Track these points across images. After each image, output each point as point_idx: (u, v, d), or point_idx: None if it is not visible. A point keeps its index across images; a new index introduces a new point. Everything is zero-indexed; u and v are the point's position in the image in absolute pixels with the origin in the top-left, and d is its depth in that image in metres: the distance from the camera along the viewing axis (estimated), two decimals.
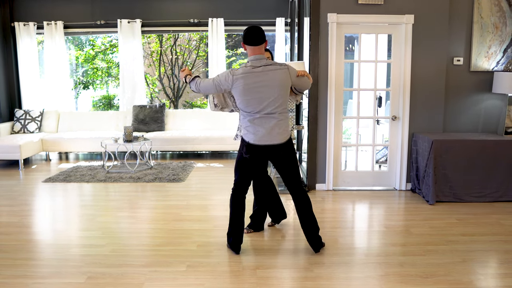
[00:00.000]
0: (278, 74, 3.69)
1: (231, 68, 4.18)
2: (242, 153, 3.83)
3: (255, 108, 3.67)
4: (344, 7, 5.55)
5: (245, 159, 3.82)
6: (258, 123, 3.70)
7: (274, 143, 3.73)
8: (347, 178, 5.94)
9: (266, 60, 3.72)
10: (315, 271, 3.55)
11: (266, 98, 3.66)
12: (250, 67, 3.67)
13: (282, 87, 3.71)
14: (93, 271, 3.57)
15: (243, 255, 3.86)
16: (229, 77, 3.69)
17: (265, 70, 3.67)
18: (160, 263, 3.72)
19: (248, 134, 3.74)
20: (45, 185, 6.33)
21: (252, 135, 3.72)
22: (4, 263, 3.74)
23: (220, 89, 3.80)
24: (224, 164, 7.66)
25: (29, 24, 8.42)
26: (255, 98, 3.66)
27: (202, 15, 8.33)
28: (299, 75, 3.86)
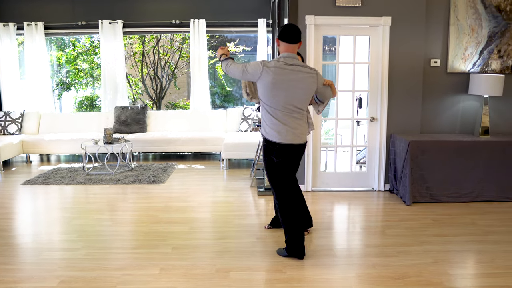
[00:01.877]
0: (307, 77, 3.74)
1: (263, 59, 4.11)
2: (273, 159, 3.83)
3: (277, 104, 3.71)
4: (322, 9, 5.58)
5: (277, 163, 3.83)
6: (281, 120, 3.72)
7: (298, 143, 3.79)
8: (326, 179, 5.97)
9: (298, 61, 3.76)
10: (288, 273, 3.57)
11: (291, 97, 3.70)
12: (283, 63, 3.70)
13: (307, 90, 3.76)
14: (66, 275, 3.55)
15: (217, 258, 3.86)
16: (259, 68, 3.70)
17: (295, 69, 3.71)
18: (134, 266, 3.72)
19: (271, 132, 3.75)
20: (24, 188, 6.28)
21: (276, 133, 3.74)
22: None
23: (246, 77, 3.80)
24: (206, 166, 7.66)
25: (9, 24, 8.35)
26: (280, 94, 3.68)
27: (183, 16, 8.32)
28: (325, 84, 3.89)
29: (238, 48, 10.03)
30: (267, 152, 3.87)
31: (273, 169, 3.87)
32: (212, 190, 6.06)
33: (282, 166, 3.83)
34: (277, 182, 3.89)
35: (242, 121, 8.12)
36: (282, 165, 3.83)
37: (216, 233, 4.49)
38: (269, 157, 3.87)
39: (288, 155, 3.79)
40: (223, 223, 4.77)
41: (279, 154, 3.78)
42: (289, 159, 3.82)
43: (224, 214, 5.06)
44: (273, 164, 3.86)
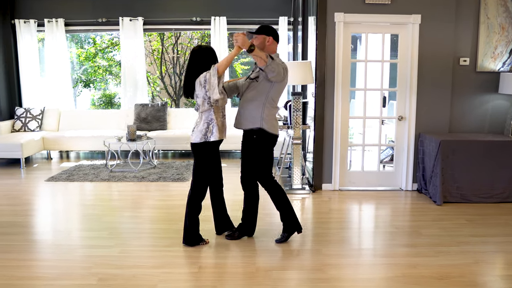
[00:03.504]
0: None
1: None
2: (270, 147, 4.00)
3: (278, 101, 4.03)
4: (351, 7, 5.53)
5: (271, 151, 4.04)
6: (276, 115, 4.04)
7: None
8: (353, 178, 5.92)
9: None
10: (329, 273, 3.53)
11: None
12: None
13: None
14: (104, 273, 3.52)
15: (256, 256, 3.82)
16: (285, 67, 3.88)
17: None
18: (172, 264, 3.68)
19: (276, 126, 3.99)
20: (48, 184, 6.26)
21: (275, 127, 3.97)
22: (12, 264, 3.69)
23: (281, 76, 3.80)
24: (228, 164, 7.62)
25: (29, 21, 8.33)
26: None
27: (204, 13, 8.28)
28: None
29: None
30: (268, 146, 3.98)
31: (269, 155, 4.03)
32: (236, 189, 5.96)
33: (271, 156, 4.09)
34: (269, 167, 4.08)
35: None
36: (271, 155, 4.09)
37: None
38: (268, 150, 4.00)
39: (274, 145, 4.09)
40: (258, 221, 4.72)
41: (273, 145, 4.04)
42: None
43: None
44: (269, 151, 4.02)
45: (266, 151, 3.99)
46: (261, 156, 3.98)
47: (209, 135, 3.85)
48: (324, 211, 5.09)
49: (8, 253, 3.92)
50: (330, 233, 4.41)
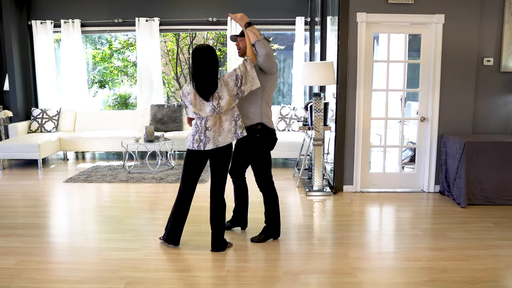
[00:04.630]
0: None
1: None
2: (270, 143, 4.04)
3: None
4: (373, 7, 5.47)
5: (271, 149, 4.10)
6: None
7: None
8: (374, 179, 5.85)
9: None
10: (358, 276, 3.47)
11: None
12: None
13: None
14: (131, 276, 3.49)
15: (282, 260, 3.77)
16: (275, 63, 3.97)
17: None
18: (199, 267, 3.64)
19: (272, 121, 4.03)
20: (66, 185, 6.25)
21: (273, 123, 4.06)
22: (37, 267, 3.66)
23: (273, 67, 3.87)
24: None
25: (46, 22, 8.34)
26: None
27: (221, 13, 8.24)
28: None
29: (272, 46, 9.91)
30: (271, 143, 4.04)
31: (269, 159, 4.12)
32: (257, 190, 5.96)
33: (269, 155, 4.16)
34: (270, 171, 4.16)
35: (279, 120, 8.02)
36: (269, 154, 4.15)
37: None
38: (270, 148, 4.07)
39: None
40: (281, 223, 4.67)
41: (274, 142, 4.11)
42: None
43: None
44: (268, 148, 4.06)
45: (269, 149, 4.08)
46: (266, 155, 4.06)
47: (240, 132, 3.83)
48: (347, 214, 5.03)
49: (31, 255, 3.89)
50: (355, 235, 4.35)
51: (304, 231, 4.46)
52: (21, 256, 3.88)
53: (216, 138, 3.77)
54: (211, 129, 3.75)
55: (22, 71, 8.46)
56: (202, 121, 3.77)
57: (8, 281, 3.41)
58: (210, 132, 3.75)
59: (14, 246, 4.11)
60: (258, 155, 4.03)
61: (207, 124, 3.75)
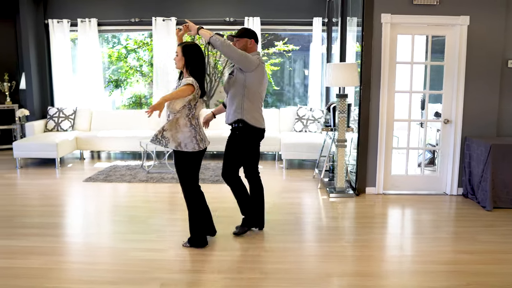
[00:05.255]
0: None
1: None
2: (253, 140, 4.16)
3: (263, 96, 4.18)
4: (398, 8, 5.44)
5: (255, 149, 4.24)
6: (261, 109, 4.18)
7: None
8: (396, 182, 5.82)
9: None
10: (391, 280, 3.45)
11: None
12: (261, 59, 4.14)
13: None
14: (165, 277, 3.46)
15: (316, 262, 3.75)
16: (256, 61, 4.00)
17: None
18: (232, 269, 3.61)
19: (260, 120, 4.12)
20: (86, 185, 6.24)
21: (262, 120, 4.16)
22: (64, 267, 3.64)
23: (242, 62, 3.93)
24: (263, 166, 7.54)
25: (62, 21, 8.33)
26: (265, 87, 4.20)
27: (238, 13, 8.22)
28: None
29: (287, 47, 9.89)
30: (250, 140, 4.15)
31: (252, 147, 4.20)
32: (280, 191, 5.96)
33: (256, 150, 4.27)
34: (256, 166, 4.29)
35: (296, 121, 8.00)
36: (256, 150, 4.27)
37: (304, 236, 4.37)
38: (250, 144, 4.17)
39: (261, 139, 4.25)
40: (307, 225, 4.66)
41: (259, 139, 4.21)
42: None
43: (304, 217, 4.95)
44: (249, 151, 4.19)
45: (248, 146, 4.17)
46: (249, 150, 4.20)
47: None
48: (371, 215, 5.01)
49: (60, 255, 3.88)
50: (381, 238, 4.34)
51: (331, 233, 4.43)
52: (46, 256, 3.86)
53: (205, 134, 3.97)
54: (200, 126, 3.90)
55: (38, 70, 8.45)
56: (197, 120, 3.83)
57: (37, 282, 3.39)
58: (202, 129, 3.92)
59: (40, 246, 4.09)
60: (242, 150, 4.17)
61: (199, 122, 3.86)
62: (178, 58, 3.80)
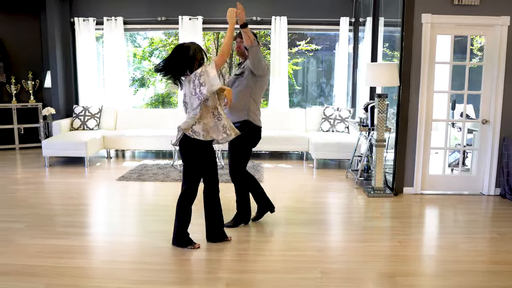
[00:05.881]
0: None
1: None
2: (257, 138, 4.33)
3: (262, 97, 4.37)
4: (438, 8, 5.44)
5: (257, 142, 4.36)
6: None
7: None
8: (433, 181, 5.82)
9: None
10: (453, 279, 3.45)
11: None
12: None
13: None
14: (229, 278, 3.45)
15: (373, 262, 3.74)
16: (265, 65, 4.19)
17: None
18: (291, 269, 3.60)
19: (260, 119, 4.29)
20: (121, 184, 6.22)
21: (260, 120, 4.30)
22: (124, 267, 3.61)
23: (261, 69, 4.13)
24: (291, 165, 7.54)
25: (88, 19, 8.32)
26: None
27: (265, 13, 8.20)
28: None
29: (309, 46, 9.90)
30: (255, 139, 4.32)
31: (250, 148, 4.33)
32: (316, 191, 5.96)
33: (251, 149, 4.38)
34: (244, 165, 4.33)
35: (323, 121, 7.99)
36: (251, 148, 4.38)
37: (355, 236, 4.35)
38: (254, 142, 4.33)
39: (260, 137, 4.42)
40: (354, 225, 4.65)
41: (260, 137, 4.39)
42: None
43: (349, 217, 4.95)
44: (249, 150, 4.33)
45: (251, 145, 4.32)
46: (247, 149, 4.31)
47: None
48: (414, 215, 5.02)
49: (108, 254, 3.87)
50: (433, 238, 4.36)
51: (379, 233, 4.44)
52: (93, 255, 3.88)
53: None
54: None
55: (63, 68, 8.44)
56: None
57: (83, 281, 3.38)
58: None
59: (85, 245, 4.11)
60: (248, 148, 4.31)
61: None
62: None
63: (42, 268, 3.56)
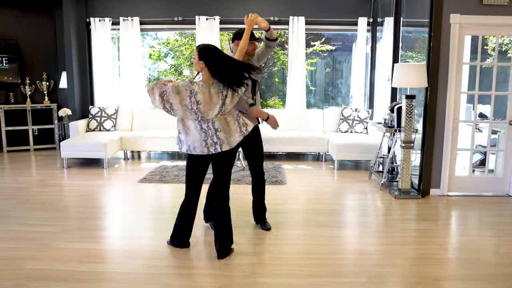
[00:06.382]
0: None
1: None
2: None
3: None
4: (467, 8, 5.40)
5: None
6: None
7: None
8: (459, 183, 5.79)
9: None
10: (499, 284, 3.41)
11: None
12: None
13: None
14: (267, 283, 3.41)
15: (418, 265, 3.71)
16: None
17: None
18: (336, 273, 3.56)
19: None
20: (143, 186, 6.17)
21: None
22: (169, 272, 3.58)
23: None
24: (312, 166, 7.51)
25: (104, 19, 8.26)
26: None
27: (283, 13, 8.16)
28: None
29: (324, 47, 9.85)
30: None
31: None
32: (343, 192, 5.92)
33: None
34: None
35: (341, 122, 7.96)
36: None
37: (393, 239, 4.31)
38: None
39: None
40: (389, 228, 4.62)
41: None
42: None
43: (381, 219, 4.91)
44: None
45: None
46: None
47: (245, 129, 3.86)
48: (447, 218, 4.99)
49: (162, 259, 3.81)
50: (473, 241, 4.29)
51: (418, 235, 4.40)
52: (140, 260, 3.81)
53: (229, 139, 3.70)
54: (221, 130, 3.66)
55: (79, 69, 8.38)
56: (209, 124, 3.64)
57: (140, 286, 3.34)
58: (221, 133, 3.66)
59: (135, 249, 4.04)
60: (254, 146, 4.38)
61: (215, 126, 3.65)
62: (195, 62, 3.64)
63: (83, 273, 3.52)
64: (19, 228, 4.49)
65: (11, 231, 4.39)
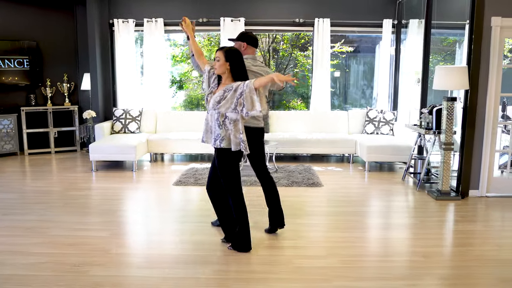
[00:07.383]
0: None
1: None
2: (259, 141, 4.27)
3: None
4: (509, 11, 5.44)
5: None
6: None
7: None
8: (497, 184, 5.84)
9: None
10: None
11: None
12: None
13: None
14: (346, 286, 3.41)
15: (475, 267, 3.72)
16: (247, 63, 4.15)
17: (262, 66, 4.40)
18: (404, 275, 3.56)
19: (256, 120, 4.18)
20: (179, 189, 6.13)
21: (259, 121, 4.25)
22: (228, 277, 3.55)
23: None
24: (342, 168, 7.52)
25: (128, 21, 8.20)
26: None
27: (308, 15, 8.17)
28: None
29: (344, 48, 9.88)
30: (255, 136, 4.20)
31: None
32: (382, 194, 5.94)
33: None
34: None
35: (367, 123, 7.98)
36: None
37: (451, 240, 4.34)
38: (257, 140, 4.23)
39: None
40: (442, 229, 4.65)
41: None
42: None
43: (430, 220, 4.92)
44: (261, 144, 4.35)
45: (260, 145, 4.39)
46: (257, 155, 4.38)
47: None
48: (495, 218, 5.03)
49: (215, 264, 3.79)
50: None
51: (473, 236, 4.42)
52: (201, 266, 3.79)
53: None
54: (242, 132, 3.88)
55: (103, 70, 8.31)
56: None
57: None
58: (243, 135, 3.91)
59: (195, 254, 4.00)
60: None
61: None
62: (220, 64, 3.70)
63: (145, 278, 3.48)
64: (67, 233, 4.40)
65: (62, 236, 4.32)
